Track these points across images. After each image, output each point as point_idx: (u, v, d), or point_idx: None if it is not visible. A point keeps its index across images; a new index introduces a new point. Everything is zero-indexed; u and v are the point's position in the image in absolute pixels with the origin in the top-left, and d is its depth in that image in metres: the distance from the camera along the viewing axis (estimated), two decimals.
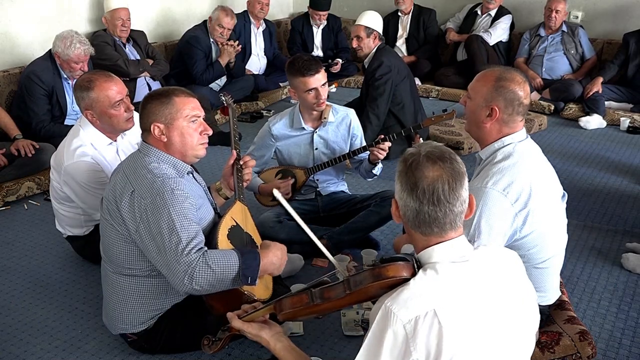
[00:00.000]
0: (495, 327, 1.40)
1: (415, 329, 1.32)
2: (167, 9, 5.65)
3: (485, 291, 1.41)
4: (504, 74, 2.05)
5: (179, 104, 2.16)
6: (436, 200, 1.39)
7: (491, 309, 1.41)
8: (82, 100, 2.72)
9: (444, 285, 1.38)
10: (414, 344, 1.31)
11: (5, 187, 3.65)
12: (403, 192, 1.42)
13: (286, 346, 1.66)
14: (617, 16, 5.82)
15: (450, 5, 6.52)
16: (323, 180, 3.22)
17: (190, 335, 2.28)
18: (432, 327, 1.32)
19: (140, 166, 2.15)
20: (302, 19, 6.40)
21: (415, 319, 1.32)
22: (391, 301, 1.35)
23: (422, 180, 1.40)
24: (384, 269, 1.43)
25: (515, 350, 1.45)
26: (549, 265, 2.12)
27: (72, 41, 3.82)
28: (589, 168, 4.32)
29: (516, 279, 1.50)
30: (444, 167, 1.41)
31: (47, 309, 2.66)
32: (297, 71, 2.90)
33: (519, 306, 1.47)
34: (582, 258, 3.08)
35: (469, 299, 1.38)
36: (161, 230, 2.02)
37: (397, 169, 1.46)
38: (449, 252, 1.43)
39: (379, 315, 1.36)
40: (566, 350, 2.11)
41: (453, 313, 1.35)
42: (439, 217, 1.41)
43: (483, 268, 1.44)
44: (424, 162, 1.41)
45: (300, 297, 1.61)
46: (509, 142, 2.05)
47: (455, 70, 6.07)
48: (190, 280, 1.99)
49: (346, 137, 3.15)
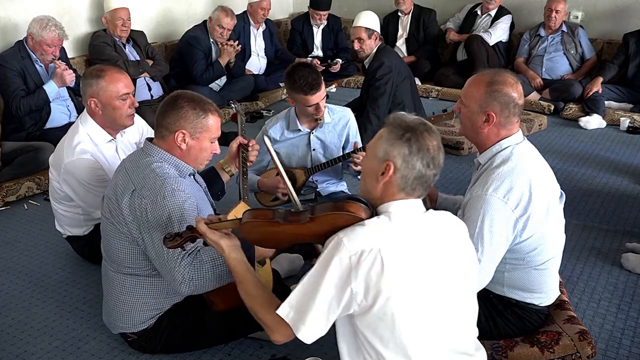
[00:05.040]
0: (434, 277, 1.54)
1: (358, 260, 1.47)
2: (167, 9, 5.65)
3: (430, 244, 1.56)
4: (496, 77, 2.04)
5: (212, 126, 2.18)
6: (437, 166, 1.58)
7: (433, 260, 1.55)
8: (89, 87, 2.71)
9: (393, 229, 1.53)
10: (355, 274, 1.47)
11: (5, 187, 3.65)
12: (412, 156, 1.55)
13: (239, 258, 1.76)
14: (617, 16, 5.82)
15: (450, 5, 6.52)
16: (322, 180, 3.22)
17: (190, 335, 2.28)
18: (374, 263, 1.47)
19: (142, 165, 2.15)
20: (302, 19, 6.40)
21: (360, 252, 1.47)
22: (344, 233, 1.51)
23: (430, 148, 1.56)
24: (346, 203, 1.58)
25: (453, 304, 1.59)
26: (549, 267, 2.13)
27: (47, 24, 3.91)
28: (589, 168, 4.32)
29: (459, 240, 1.65)
30: (438, 139, 1.60)
31: (47, 309, 2.66)
32: (299, 89, 2.88)
33: (460, 264, 1.62)
34: (582, 258, 3.08)
35: (414, 248, 1.53)
36: (161, 231, 2.02)
37: (394, 134, 1.57)
38: (406, 208, 1.58)
39: (330, 244, 1.52)
40: (566, 350, 2.11)
41: (397, 255, 1.49)
42: (431, 180, 1.59)
43: (431, 225, 1.61)
44: (425, 133, 1.56)
45: (264, 212, 1.70)
46: (506, 146, 2.05)
47: (455, 70, 6.06)
48: (189, 283, 2.01)
49: (343, 138, 3.16)
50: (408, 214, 1.57)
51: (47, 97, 3.94)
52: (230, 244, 1.77)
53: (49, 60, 3.98)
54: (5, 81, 3.92)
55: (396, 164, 1.55)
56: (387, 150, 1.56)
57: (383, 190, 1.59)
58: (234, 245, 1.78)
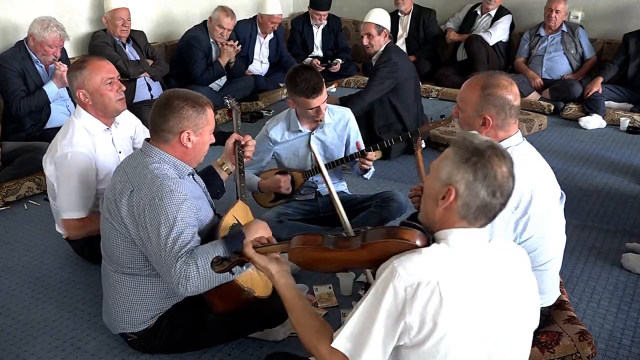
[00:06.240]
0: (494, 315, 1.42)
1: (415, 293, 1.35)
2: (167, 9, 5.65)
3: (491, 279, 1.43)
4: (489, 80, 2.04)
5: (210, 119, 2.22)
6: (504, 195, 1.43)
7: (494, 296, 1.42)
8: (74, 79, 2.75)
9: (453, 261, 1.40)
10: (410, 307, 1.35)
11: (5, 187, 3.65)
12: (476, 182, 1.41)
13: (289, 283, 1.65)
14: (617, 16, 5.82)
15: (450, 5, 6.52)
16: (323, 180, 3.21)
17: (190, 335, 2.28)
18: (432, 297, 1.35)
19: (141, 166, 2.15)
20: (302, 19, 6.40)
21: (417, 283, 1.35)
22: (399, 262, 1.40)
23: (499, 175, 1.41)
24: (400, 230, 1.48)
25: (510, 343, 1.47)
26: (549, 267, 2.13)
27: (49, 24, 3.93)
28: (589, 168, 4.32)
29: (522, 275, 1.52)
30: (508, 164, 1.44)
31: (47, 309, 2.66)
32: (301, 92, 2.88)
33: (521, 302, 1.48)
34: (582, 258, 3.08)
35: (474, 281, 1.40)
36: (158, 232, 2.03)
37: (460, 156, 1.44)
38: (466, 236, 1.45)
39: (385, 272, 1.40)
40: (566, 350, 2.11)
41: (456, 290, 1.36)
42: (496, 210, 1.44)
43: (493, 256, 1.47)
44: (494, 158, 1.42)
45: (315, 237, 1.64)
46: (506, 147, 2.04)
47: (455, 70, 6.07)
48: (185, 284, 2.00)
49: (343, 138, 3.16)
50: (469, 244, 1.45)
51: (47, 98, 3.95)
52: (280, 269, 1.66)
53: (49, 61, 3.99)
54: (5, 82, 3.93)
55: (458, 190, 1.42)
56: (451, 174, 1.43)
57: (443, 215, 1.46)
58: (283, 270, 1.67)
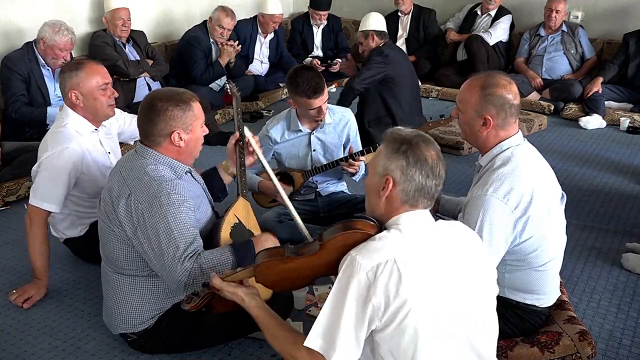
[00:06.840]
0: (453, 287, 1.51)
1: (375, 275, 1.44)
2: (167, 9, 5.65)
3: (445, 254, 1.53)
4: (488, 80, 2.05)
5: (198, 113, 2.20)
6: (437, 176, 1.56)
7: (450, 270, 1.52)
8: (69, 79, 2.72)
9: (406, 240, 1.51)
10: (374, 290, 1.44)
11: (5, 187, 3.65)
12: (410, 168, 1.54)
13: (260, 305, 1.71)
14: (617, 16, 5.81)
15: (450, 5, 6.52)
16: (322, 181, 3.22)
17: (190, 335, 2.28)
18: (392, 274, 1.44)
19: (137, 168, 2.14)
20: (302, 19, 6.40)
21: (376, 266, 1.45)
22: (356, 251, 1.49)
23: (428, 158, 1.55)
24: (353, 221, 1.58)
25: (473, 316, 1.54)
26: (549, 268, 2.13)
27: (60, 28, 3.95)
28: (589, 168, 4.32)
29: (475, 250, 1.62)
30: (436, 148, 1.59)
31: (47, 309, 2.66)
32: (302, 93, 2.87)
33: (478, 274, 1.58)
34: (582, 258, 3.08)
35: (429, 256, 1.50)
36: (158, 236, 2.03)
37: (390, 148, 1.57)
38: (413, 217, 1.56)
39: (345, 264, 1.49)
40: (566, 350, 2.11)
41: (412, 264, 1.46)
42: (433, 190, 1.57)
43: (444, 234, 1.59)
44: (421, 144, 1.56)
45: (277, 249, 1.72)
46: (507, 147, 2.06)
47: (456, 70, 6.07)
48: (188, 287, 2.00)
49: (343, 138, 3.15)
50: (417, 224, 1.55)
51: (46, 118, 3.95)
52: (248, 291, 1.72)
53: (59, 65, 3.95)
54: (8, 83, 3.93)
55: (395, 178, 1.54)
56: (385, 165, 1.56)
57: (386, 205, 1.58)
58: (252, 293, 1.73)
